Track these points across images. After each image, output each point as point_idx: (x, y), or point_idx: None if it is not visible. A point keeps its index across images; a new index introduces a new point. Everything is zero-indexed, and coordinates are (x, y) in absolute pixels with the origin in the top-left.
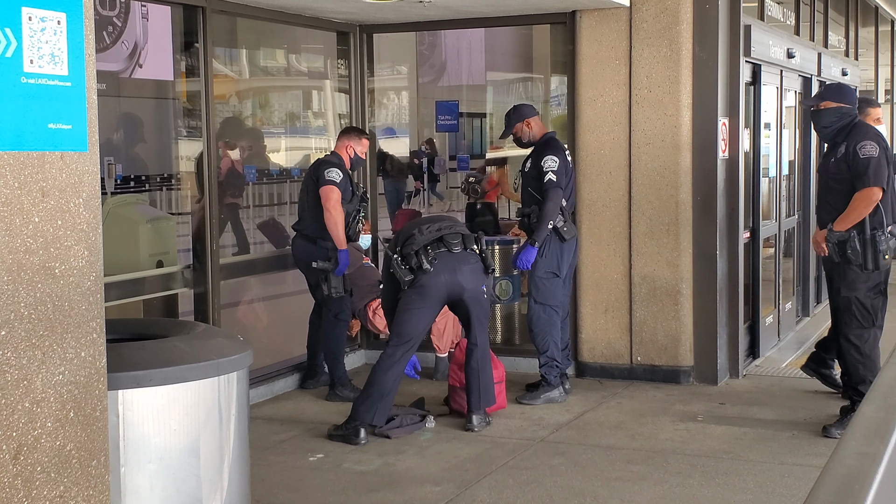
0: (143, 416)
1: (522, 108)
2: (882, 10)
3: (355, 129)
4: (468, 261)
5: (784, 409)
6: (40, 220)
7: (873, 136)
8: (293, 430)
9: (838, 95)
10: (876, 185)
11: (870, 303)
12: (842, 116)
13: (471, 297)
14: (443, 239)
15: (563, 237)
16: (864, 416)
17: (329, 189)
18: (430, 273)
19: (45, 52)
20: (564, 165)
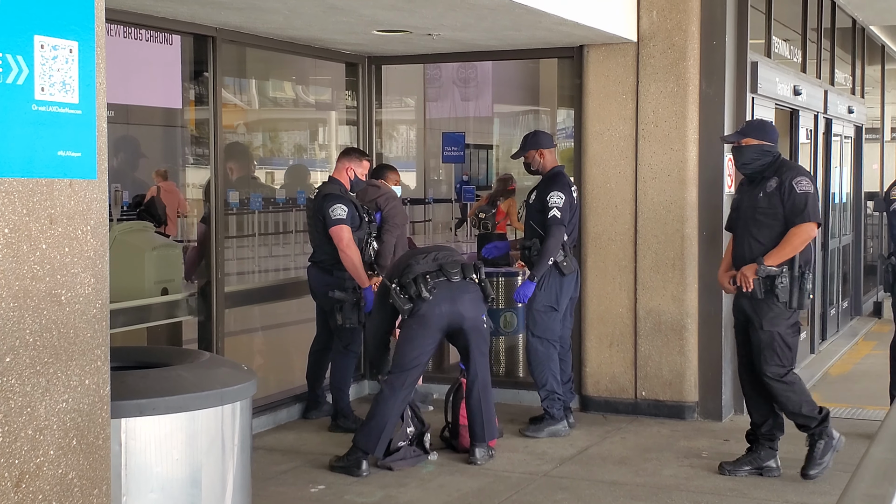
0: (146, 444)
1: (541, 136)
2: (889, 48)
3: (356, 151)
4: (468, 290)
5: (789, 445)
6: (48, 246)
7: (806, 171)
8: (295, 460)
9: (760, 133)
10: (812, 221)
11: (790, 340)
12: (763, 154)
13: (471, 327)
14: (442, 268)
15: (563, 272)
16: (874, 458)
17: (339, 230)
18: (430, 302)
19: (57, 80)
20: (569, 202)
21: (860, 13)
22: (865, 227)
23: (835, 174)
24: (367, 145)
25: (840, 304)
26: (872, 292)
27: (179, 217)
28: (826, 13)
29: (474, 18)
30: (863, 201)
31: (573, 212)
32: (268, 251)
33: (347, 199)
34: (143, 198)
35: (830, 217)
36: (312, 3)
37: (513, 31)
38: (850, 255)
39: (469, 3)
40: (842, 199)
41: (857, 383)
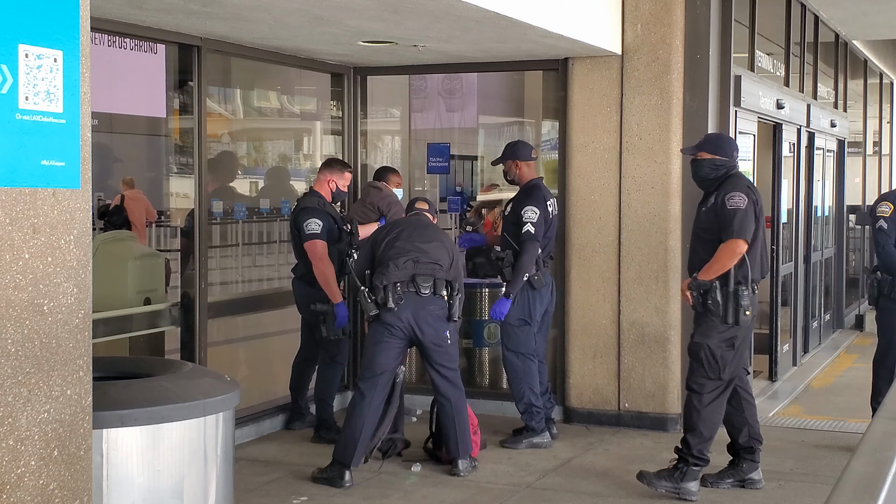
0: (128, 455)
1: (520, 148)
2: (871, 63)
3: (338, 163)
4: (432, 304)
5: (771, 458)
6: (30, 256)
7: (744, 187)
8: (278, 471)
9: (713, 147)
10: (739, 238)
11: (720, 353)
12: (716, 168)
13: (429, 343)
14: (414, 278)
15: (534, 286)
16: (854, 472)
17: (312, 244)
18: (394, 312)
19: (41, 90)
20: (544, 216)
21: (843, 28)
22: (848, 240)
23: (817, 187)
24: (352, 156)
25: (822, 317)
26: (854, 305)
27: (149, 225)
28: (809, 27)
29: (460, 30)
30: (845, 215)
31: (549, 226)
32: (251, 261)
33: (324, 213)
34: (108, 206)
35: (813, 230)
36: (298, 13)
37: (498, 43)
38: (832, 268)
39: (455, 14)
40: (824, 212)
41: (839, 396)
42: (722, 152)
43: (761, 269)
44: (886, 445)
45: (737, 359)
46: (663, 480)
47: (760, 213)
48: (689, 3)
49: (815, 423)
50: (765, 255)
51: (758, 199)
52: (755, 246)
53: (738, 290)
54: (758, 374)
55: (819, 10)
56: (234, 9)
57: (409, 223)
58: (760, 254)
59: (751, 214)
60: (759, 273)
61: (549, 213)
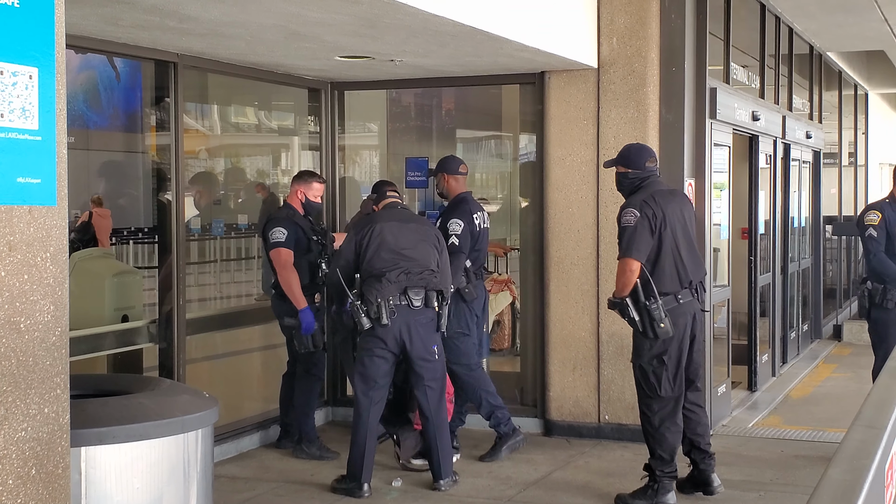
0: (106, 473)
1: (449, 162)
2: (845, 74)
3: (306, 173)
4: (422, 316)
5: (751, 469)
6: (6, 273)
7: (639, 202)
8: (257, 488)
9: (624, 160)
10: (626, 256)
11: (651, 370)
12: (623, 180)
13: (416, 356)
14: (406, 291)
15: (465, 298)
16: (832, 480)
17: (276, 252)
18: (387, 326)
19: (17, 107)
20: (470, 229)
21: (817, 40)
22: (824, 250)
23: (794, 199)
24: (330, 170)
25: (800, 328)
26: (832, 315)
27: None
28: (784, 40)
29: (436, 45)
30: (821, 225)
31: (476, 238)
32: (230, 277)
33: (291, 223)
34: (75, 222)
35: (790, 241)
36: (274, 29)
37: (474, 58)
38: (809, 278)
39: (431, 29)
40: (801, 223)
41: (817, 406)
42: (632, 164)
43: (679, 278)
44: (864, 453)
45: (674, 375)
46: (638, 500)
47: (666, 224)
48: (664, 17)
49: (794, 434)
50: (682, 265)
51: (663, 210)
52: (662, 258)
53: (649, 304)
54: (737, 385)
55: (793, 23)
56: (210, 25)
57: (389, 222)
58: (676, 263)
59: (642, 231)
60: (677, 284)
61: (476, 226)
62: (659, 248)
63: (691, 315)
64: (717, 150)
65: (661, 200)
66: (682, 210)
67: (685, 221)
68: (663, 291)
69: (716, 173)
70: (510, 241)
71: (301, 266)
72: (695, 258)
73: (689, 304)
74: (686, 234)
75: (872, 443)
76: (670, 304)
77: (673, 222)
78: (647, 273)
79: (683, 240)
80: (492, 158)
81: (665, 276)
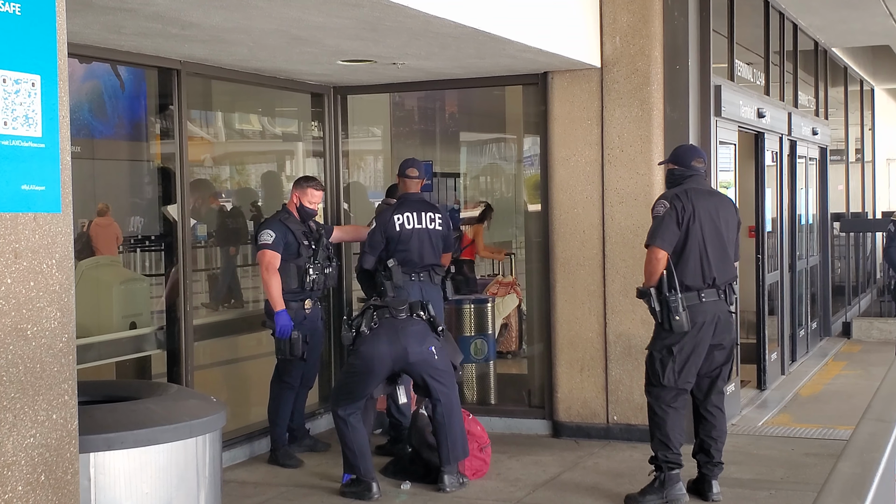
0: (115, 479)
1: (403, 163)
2: (851, 69)
3: (302, 179)
4: (412, 324)
5: (761, 467)
6: (12, 281)
7: (671, 195)
8: (267, 492)
9: (673, 157)
10: (652, 244)
11: (659, 358)
12: (674, 176)
13: (418, 361)
14: (388, 305)
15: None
16: (841, 473)
17: (261, 254)
18: (370, 342)
19: (20, 114)
20: (382, 228)
21: (822, 35)
22: (832, 248)
23: (801, 196)
24: (334, 175)
25: (809, 325)
26: (841, 313)
27: (121, 252)
28: (788, 36)
29: (438, 47)
30: (829, 222)
31: (396, 239)
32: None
33: (282, 225)
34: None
35: (797, 239)
36: (276, 34)
37: (477, 59)
38: (817, 275)
39: (433, 31)
40: (808, 220)
41: (827, 403)
42: (680, 161)
43: (702, 275)
44: (873, 447)
45: (680, 368)
46: (648, 496)
47: (695, 219)
48: (668, 15)
49: (804, 432)
50: (707, 262)
51: (694, 206)
52: (687, 252)
53: (669, 296)
54: (746, 384)
55: (797, 19)
56: (212, 31)
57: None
58: (701, 260)
59: (669, 222)
60: (700, 280)
61: (395, 226)
62: (685, 242)
63: (714, 315)
64: (722, 147)
65: (694, 197)
66: (719, 210)
67: (719, 222)
68: (686, 285)
69: (721, 171)
70: (515, 242)
71: (289, 270)
72: (725, 259)
73: (713, 303)
74: (718, 234)
75: (882, 436)
76: (692, 301)
77: (703, 219)
78: (672, 265)
79: (714, 238)
80: (496, 160)
81: (688, 271)
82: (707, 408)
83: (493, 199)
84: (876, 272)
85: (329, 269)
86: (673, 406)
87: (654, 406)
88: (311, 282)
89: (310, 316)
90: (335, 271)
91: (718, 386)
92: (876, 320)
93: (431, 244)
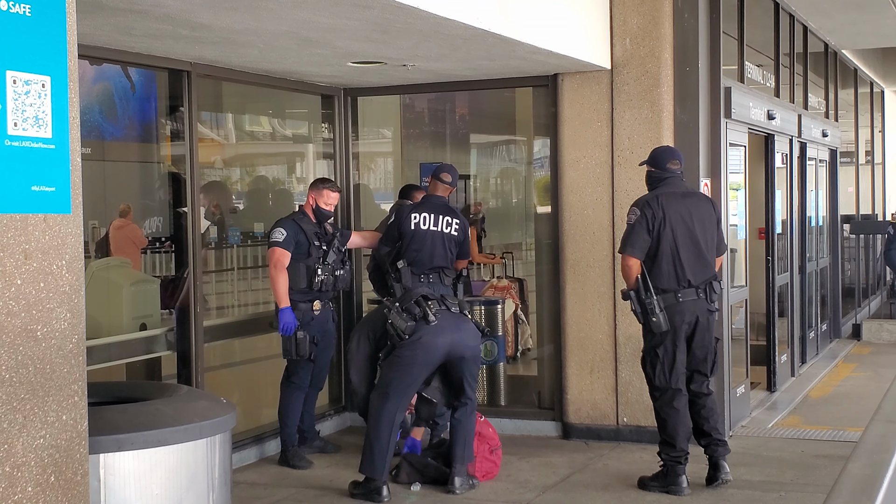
0: (125, 480)
1: (439, 167)
2: (861, 72)
3: (319, 181)
4: (467, 321)
5: (771, 469)
6: (22, 282)
7: (643, 202)
8: (277, 494)
9: (649, 159)
10: (622, 252)
11: (649, 360)
12: (651, 178)
13: (472, 356)
14: (444, 297)
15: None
16: (851, 474)
17: (271, 251)
18: (432, 331)
19: (30, 115)
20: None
21: (832, 37)
22: (842, 249)
23: (811, 198)
24: (345, 176)
25: (819, 327)
26: (851, 315)
27: (143, 253)
28: (798, 38)
29: (448, 48)
30: (839, 224)
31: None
32: (247, 285)
33: (294, 224)
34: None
35: (807, 240)
36: (287, 36)
37: (487, 61)
38: (827, 277)
39: (443, 33)
40: (818, 222)
41: (837, 405)
42: (656, 164)
43: (676, 278)
44: (883, 448)
45: (669, 368)
46: (653, 482)
47: (665, 224)
48: (677, 16)
49: (814, 433)
50: (680, 264)
51: (665, 211)
52: (660, 256)
53: (644, 298)
54: (756, 386)
55: (807, 21)
56: (223, 33)
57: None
58: (674, 263)
59: (640, 229)
60: (674, 282)
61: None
62: (657, 247)
63: (693, 314)
64: (732, 149)
65: (665, 202)
66: (692, 212)
67: (692, 224)
68: (661, 288)
69: (732, 173)
70: (525, 244)
71: (298, 270)
72: (700, 259)
73: (691, 303)
74: (691, 235)
75: (892, 437)
76: (669, 301)
77: (675, 223)
78: (645, 269)
79: (686, 241)
80: (506, 162)
81: (662, 274)
82: (691, 396)
83: (502, 200)
84: (885, 274)
85: (340, 272)
86: (674, 407)
87: (655, 406)
88: (319, 282)
89: (319, 317)
90: (348, 274)
91: (701, 372)
92: (886, 322)
93: (444, 247)
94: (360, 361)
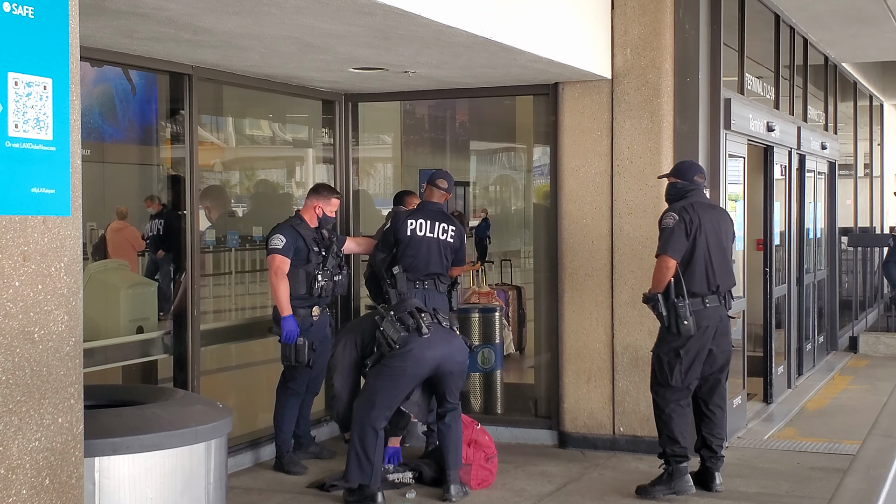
0: (120, 483)
1: (435, 173)
2: (861, 85)
3: (325, 189)
4: (456, 336)
5: (767, 481)
6: (21, 284)
7: (679, 208)
8: (272, 499)
9: (676, 171)
10: (663, 254)
11: (667, 360)
12: (676, 189)
13: (459, 371)
14: (436, 311)
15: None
16: (848, 489)
17: (271, 258)
18: (424, 343)
19: (31, 117)
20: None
21: (832, 50)
22: (840, 262)
23: (809, 210)
24: (344, 182)
25: (816, 339)
26: (848, 327)
27: (140, 255)
28: (798, 50)
29: (450, 56)
30: (837, 237)
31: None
32: (245, 289)
33: (292, 230)
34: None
35: (805, 252)
36: (288, 41)
37: (488, 69)
38: (825, 290)
39: (444, 40)
40: (816, 234)
41: (833, 418)
42: (682, 176)
43: (707, 282)
44: (880, 462)
45: (686, 369)
46: (658, 486)
47: (700, 231)
48: (678, 27)
49: (810, 446)
50: (712, 269)
51: (700, 218)
52: (694, 261)
53: (677, 302)
54: (752, 397)
55: (808, 33)
56: (224, 37)
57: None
58: (707, 269)
59: (679, 233)
60: (705, 287)
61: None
62: (692, 252)
63: (716, 319)
64: (731, 160)
65: (699, 210)
66: (720, 223)
67: (720, 233)
68: (692, 292)
69: (731, 184)
70: (524, 252)
71: (297, 276)
72: (725, 267)
73: (714, 308)
74: (720, 244)
75: (889, 452)
76: (697, 306)
77: (708, 231)
78: (680, 273)
79: (716, 248)
80: (505, 169)
81: (695, 278)
82: (710, 407)
83: (501, 208)
84: (883, 287)
85: (339, 277)
86: (680, 404)
87: (661, 405)
88: (319, 288)
89: (317, 323)
90: (345, 279)
91: (723, 384)
92: (883, 335)
93: (440, 254)
94: (345, 368)
